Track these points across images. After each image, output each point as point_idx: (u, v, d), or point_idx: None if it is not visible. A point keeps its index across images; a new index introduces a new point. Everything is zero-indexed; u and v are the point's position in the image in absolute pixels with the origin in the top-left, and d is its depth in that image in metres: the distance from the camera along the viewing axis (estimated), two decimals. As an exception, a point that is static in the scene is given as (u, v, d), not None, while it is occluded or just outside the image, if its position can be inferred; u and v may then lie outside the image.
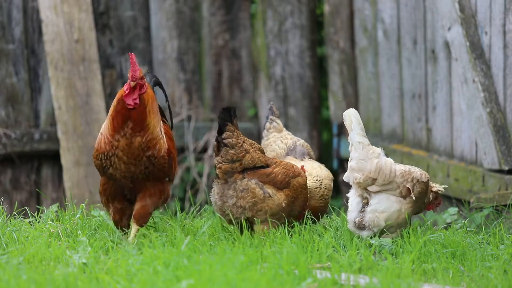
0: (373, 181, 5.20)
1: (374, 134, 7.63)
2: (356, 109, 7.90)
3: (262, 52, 8.08)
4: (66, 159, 7.37)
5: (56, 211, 5.70)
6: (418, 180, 5.23)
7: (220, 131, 5.23)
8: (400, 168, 5.24)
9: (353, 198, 5.28)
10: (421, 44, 7.11)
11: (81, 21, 7.46)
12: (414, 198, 5.21)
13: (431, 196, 5.41)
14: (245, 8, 8.10)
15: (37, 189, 7.48)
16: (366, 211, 5.22)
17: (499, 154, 6.26)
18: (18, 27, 7.38)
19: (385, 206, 5.21)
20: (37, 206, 7.19)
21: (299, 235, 5.08)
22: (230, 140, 5.22)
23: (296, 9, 7.98)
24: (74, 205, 5.51)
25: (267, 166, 5.30)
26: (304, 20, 8.02)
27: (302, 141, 5.94)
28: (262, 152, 5.35)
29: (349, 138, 5.29)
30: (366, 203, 5.24)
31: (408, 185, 5.21)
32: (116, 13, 7.73)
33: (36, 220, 5.38)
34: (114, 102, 4.97)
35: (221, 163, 5.23)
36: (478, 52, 6.39)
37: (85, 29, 7.48)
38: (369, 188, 5.21)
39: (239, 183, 5.22)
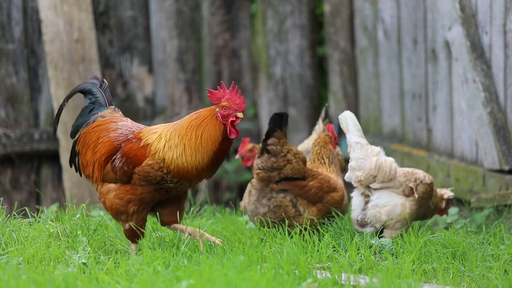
0: (374, 178, 5.24)
1: (374, 134, 7.63)
2: (356, 109, 7.95)
3: (262, 52, 8.07)
4: (66, 159, 7.36)
5: (56, 211, 5.69)
6: (421, 181, 5.26)
7: (267, 136, 5.21)
8: (403, 169, 5.29)
9: (356, 197, 5.33)
10: (421, 44, 7.10)
11: (81, 21, 7.45)
12: (417, 196, 5.23)
13: (443, 204, 5.45)
14: (245, 8, 8.10)
15: (36, 189, 7.47)
16: (367, 208, 5.26)
17: (500, 154, 6.25)
18: (18, 27, 7.37)
19: (385, 200, 5.24)
20: (37, 206, 7.19)
21: (299, 235, 5.08)
22: (274, 147, 5.20)
23: (296, 9, 7.97)
24: (74, 205, 5.50)
25: (304, 178, 5.28)
26: (304, 20, 8.01)
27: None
28: (304, 162, 5.32)
29: (347, 140, 5.32)
30: (368, 201, 5.27)
31: (411, 185, 5.24)
32: (116, 13, 7.72)
33: (35, 220, 5.37)
34: (215, 135, 4.76)
35: (260, 170, 5.21)
36: (478, 52, 6.38)
37: (85, 29, 7.47)
38: (371, 186, 5.25)
39: (274, 197, 5.22)
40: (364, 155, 5.27)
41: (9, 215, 5.44)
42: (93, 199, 7.25)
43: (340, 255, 4.80)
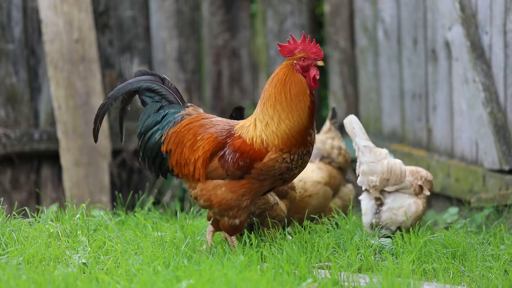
0: (387, 181, 5.23)
1: (374, 134, 7.63)
2: (356, 109, 7.95)
3: (262, 52, 8.07)
4: (66, 159, 7.36)
5: (56, 211, 5.69)
6: (425, 179, 5.30)
7: None
8: (407, 168, 5.31)
9: (367, 201, 5.29)
10: (421, 44, 7.10)
11: (81, 21, 7.45)
12: (428, 193, 5.26)
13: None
14: (245, 8, 8.10)
15: (36, 189, 7.47)
16: (381, 211, 5.25)
17: (500, 154, 6.25)
18: (17, 27, 7.37)
19: (400, 202, 5.24)
20: (37, 206, 7.18)
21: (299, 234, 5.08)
22: None
23: (296, 8, 7.97)
24: (74, 205, 5.50)
25: None
26: (304, 19, 8.01)
27: (321, 144, 5.96)
28: None
29: (353, 144, 5.29)
30: (380, 204, 5.26)
31: (420, 183, 5.27)
32: (116, 12, 7.72)
33: (35, 220, 5.37)
34: (303, 87, 4.52)
35: None
36: (478, 52, 6.38)
37: (85, 29, 7.47)
38: (386, 189, 5.24)
39: None
40: (374, 159, 5.24)
41: (9, 215, 5.44)
42: (93, 199, 7.25)
43: (340, 255, 4.80)
